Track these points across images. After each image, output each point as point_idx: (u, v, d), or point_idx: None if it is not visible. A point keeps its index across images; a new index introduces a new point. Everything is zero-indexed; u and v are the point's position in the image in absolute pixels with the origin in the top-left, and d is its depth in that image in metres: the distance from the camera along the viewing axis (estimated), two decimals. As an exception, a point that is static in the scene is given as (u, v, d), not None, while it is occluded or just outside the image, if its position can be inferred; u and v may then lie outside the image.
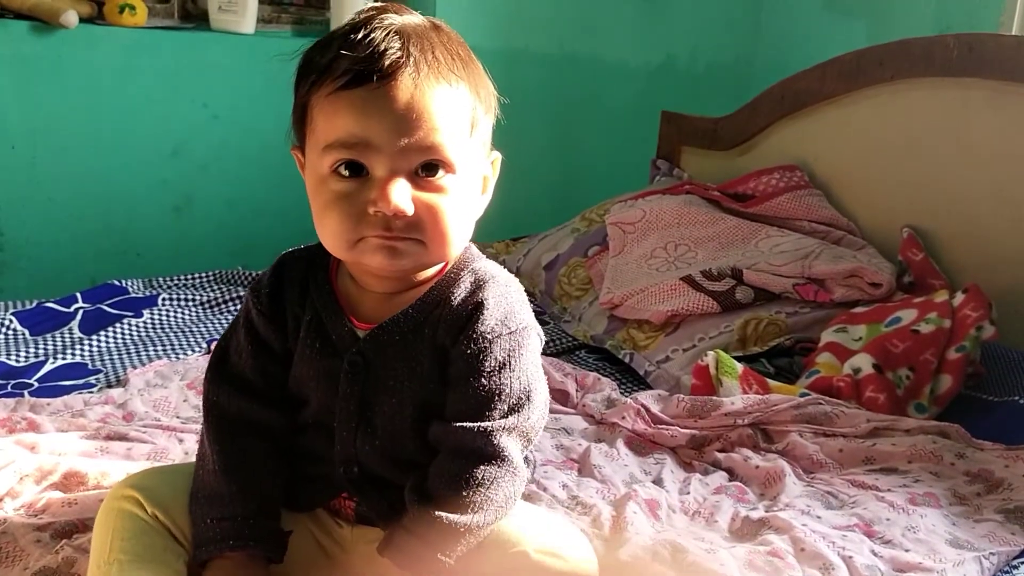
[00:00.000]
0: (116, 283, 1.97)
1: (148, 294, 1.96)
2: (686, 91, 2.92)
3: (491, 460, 0.91)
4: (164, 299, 1.94)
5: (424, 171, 0.89)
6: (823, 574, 1.06)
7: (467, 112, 0.91)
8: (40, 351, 1.69)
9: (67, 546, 1.01)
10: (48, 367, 1.62)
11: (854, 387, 1.53)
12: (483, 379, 0.92)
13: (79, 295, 1.90)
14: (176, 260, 2.40)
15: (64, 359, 1.66)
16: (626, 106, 2.89)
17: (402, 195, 0.87)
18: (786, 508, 1.22)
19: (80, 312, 1.84)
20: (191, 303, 1.97)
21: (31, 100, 2.23)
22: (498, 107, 0.97)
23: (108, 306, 1.88)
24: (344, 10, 2.43)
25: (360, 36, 0.87)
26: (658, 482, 1.31)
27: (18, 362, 1.64)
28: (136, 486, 0.95)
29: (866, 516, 1.20)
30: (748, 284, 1.81)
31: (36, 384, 1.56)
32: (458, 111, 0.90)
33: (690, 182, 2.26)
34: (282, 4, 2.69)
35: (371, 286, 0.97)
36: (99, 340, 1.75)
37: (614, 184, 2.43)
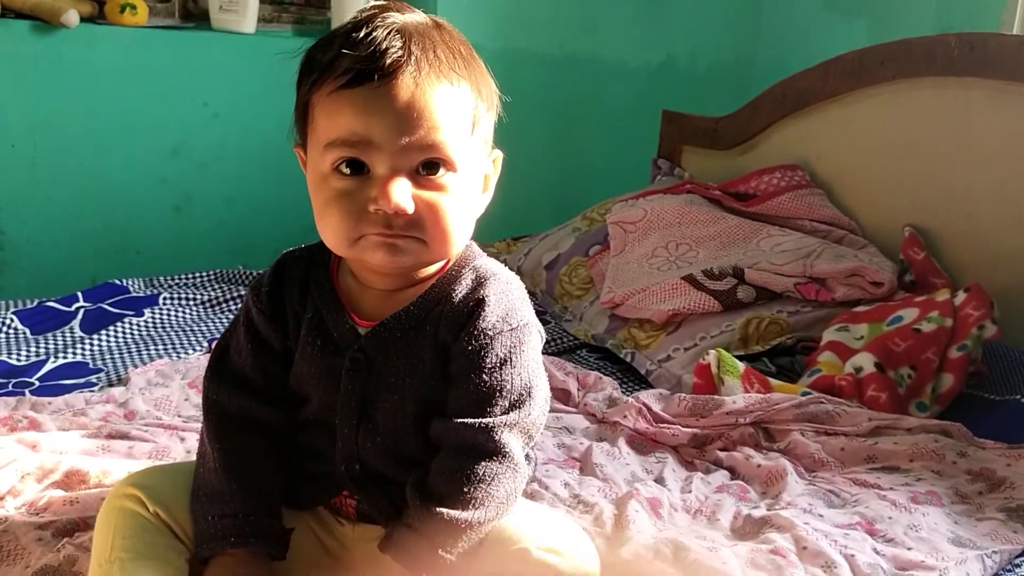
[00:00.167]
0: (117, 282, 1.98)
1: (149, 293, 1.96)
2: (687, 90, 2.92)
3: (492, 456, 0.91)
4: (165, 298, 1.94)
5: (425, 169, 0.89)
6: (825, 572, 1.06)
7: (468, 110, 0.91)
8: (41, 350, 1.69)
9: (68, 544, 1.01)
10: (49, 366, 1.62)
11: (856, 386, 1.53)
12: (484, 375, 0.92)
13: (80, 294, 1.90)
14: (176, 259, 2.40)
15: (65, 358, 1.66)
16: (627, 105, 2.89)
17: (403, 193, 0.87)
18: (788, 507, 1.22)
19: (81, 311, 1.83)
20: (192, 302, 1.97)
21: (32, 99, 2.23)
22: (500, 105, 0.97)
23: (109, 305, 1.88)
24: (345, 10, 2.43)
25: (362, 35, 0.88)
26: (660, 481, 1.31)
27: (19, 361, 1.64)
28: (138, 484, 0.95)
29: (868, 515, 1.20)
30: (749, 283, 1.81)
31: (37, 383, 1.56)
32: (459, 110, 0.90)
33: (691, 181, 2.26)
34: (283, 4, 2.69)
35: (372, 283, 0.97)
36: (100, 339, 1.75)
37: (615, 183, 2.43)
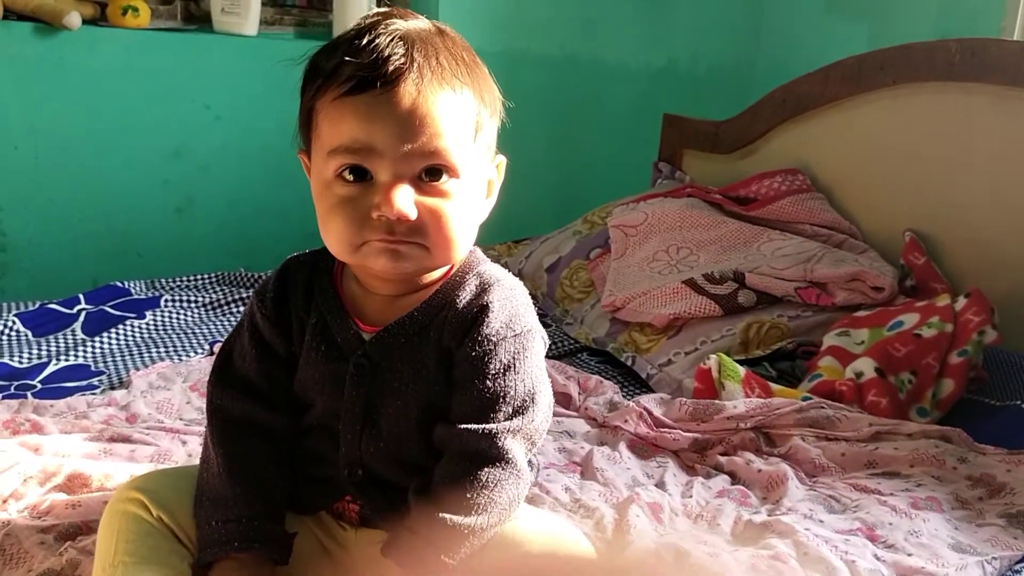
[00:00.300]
0: (118, 284, 1.98)
1: (150, 295, 1.96)
2: (688, 94, 2.92)
3: (495, 462, 0.91)
4: (166, 300, 1.94)
5: (428, 176, 0.89)
6: (826, 578, 1.06)
7: (471, 117, 0.91)
8: (43, 352, 1.69)
9: (71, 548, 1.01)
10: (51, 369, 1.62)
11: (856, 391, 1.53)
12: (488, 381, 0.92)
13: (82, 296, 1.90)
14: (178, 261, 2.40)
15: (67, 361, 1.66)
16: (628, 109, 2.89)
17: (405, 200, 0.88)
18: (789, 512, 1.22)
19: (83, 313, 1.84)
20: (193, 304, 1.97)
21: (34, 101, 2.23)
22: (503, 111, 0.97)
23: (111, 307, 1.88)
24: (347, 12, 2.43)
25: (365, 42, 0.88)
26: (660, 485, 1.31)
27: (21, 363, 1.64)
28: (141, 488, 0.95)
29: (869, 520, 1.20)
30: (750, 287, 1.81)
31: (39, 386, 1.56)
32: (462, 116, 0.90)
33: (692, 185, 2.26)
34: (285, 6, 2.69)
35: (376, 289, 0.97)
36: (102, 342, 1.75)
37: (615, 187, 2.43)
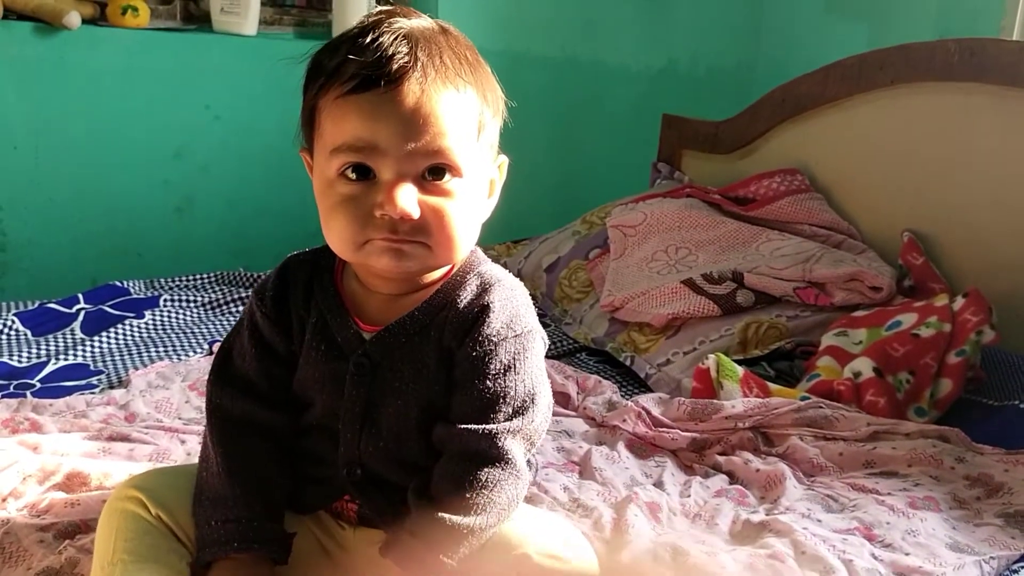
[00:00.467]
0: (118, 284, 1.98)
1: (150, 295, 1.96)
2: (687, 94, 2.92)
3: (495, 463, 0.91)
4: (166, 300, 1.94)
5: (431, 175, 0.89)
6: (823, 577, 1.06)
7: (474, 116, 0.91)
8: (42, 352, 1.69)
9: (70, 547, 1.01)
10: (50, 368, 1.62)
11: (854, 391, 1.53)
12: (488, 382, 0.93)
13: (81, 296, 1.90)
14: (177, 261, 2.40)
15: (66, 360, 1.66)
16: (627, 109, 2.89)
17: (408, 199, 0.88)
18: (786, 511, 1.23)
19: (82, 313, 1.84)
20: (193, 304, 1.97)
21: (33, 101, 2.23)
22: (505, 110, 0.97)
23: (110, 307, 1.88)
24: (346, 12, 2.43)
25: (368, 40, 0.88)
26: (659, 485, 1.31)
27: (20, 363, 1.64)
28: (139, 487, 0.95)
29: (866, 520, 1.20)
30: (749, 287, 1.81)
31: (38, 385, 1.56)
32: (465, 115, 0.90)
33: (691, 185, 2.26)
34: (284, 6, 2.69)
35: (377, 288, 0.97)
36: (101, 341, 1.75)
37: (615, 187, 2.43)
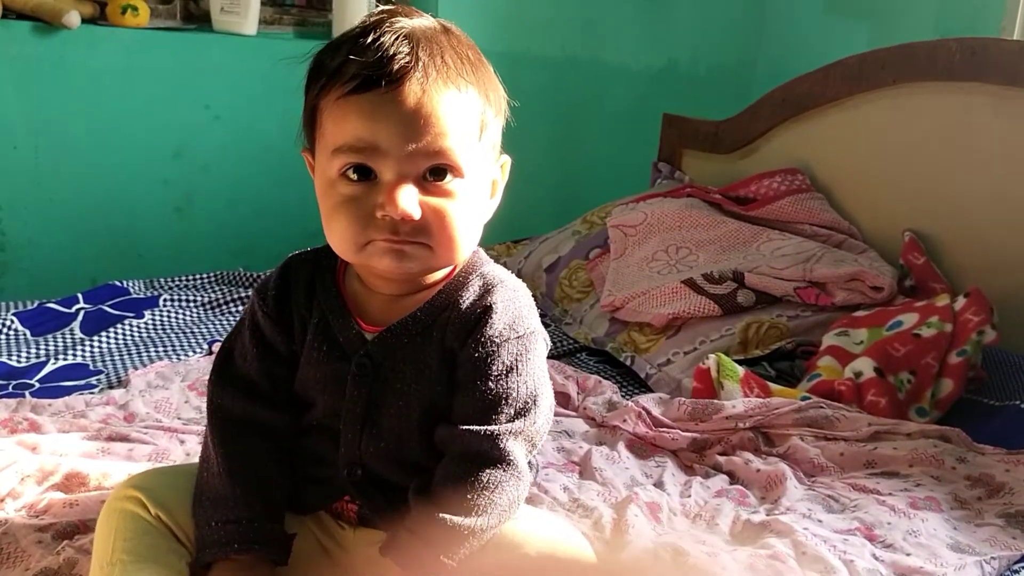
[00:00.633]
0: (117, 284, 1.98)
1: (149, 295, 1.96)
2: (688, 94, 2.92)
3: (497, 464, 0.91)
4: (165, 300, 1.94)
5: (432, 175, 0.89)
6: (825, 578, 1.06)
7: (476, 116, 0.91)
8: (41, 352, 1.69)
9: (68, 547, 1.01)
10: (49, 368, 1.62)
11: (855, 391, 1.53)
12: (490, 383, 0.92)
13: (80, 296, 1.90)
14: (177, 261, 2.40)
15: (65, 360, 1.66)
16: (627, 109, 2.89)
17: (409, 200, 0.87)
18: (787, 512, 1.22)
19: (81, 313, 1.83)
20: (192, 304, 1.97)
21: (33, 101, 2.23)
22: (508, 110, 0.97)
23: (109, 307, 1.88)
24: (346, 12, 2.43)
25: (369, 40, 0.87)
26: (659, 485, 1.31)
27: (19, 363, 1.64)
28: (139, 487, 0.95)
29: (867, 520, 1.20)
30: (749, 287, 1.81)
31: (37, 385, 1.56)
32: (467, 115, 0.90)
33: (691, 185, 2.26)
34: (284, 5, 2.69)
35: (379, 288, 0.97)
36: (100, 341, 1.75)
37: (615, 187, 2.43)
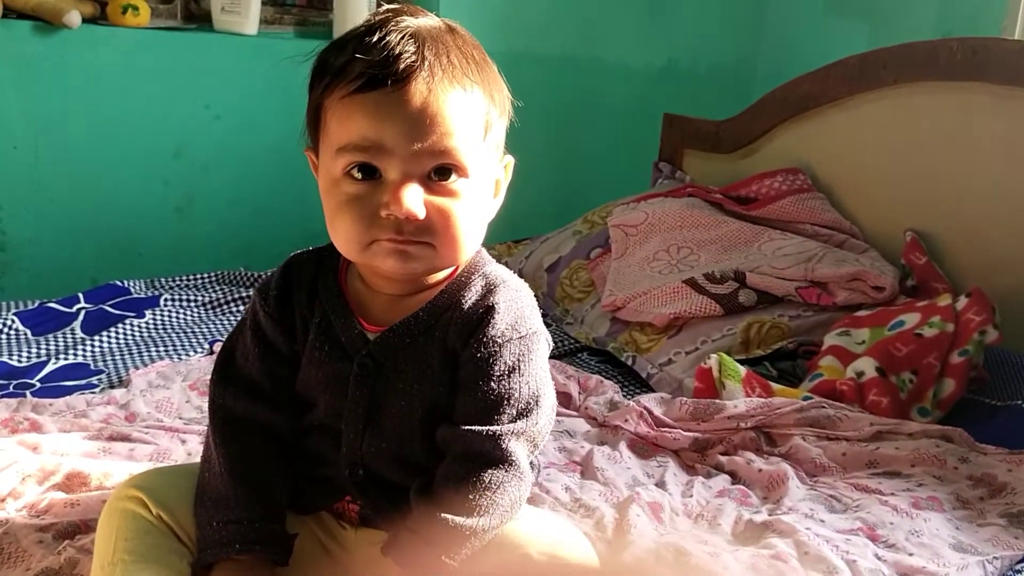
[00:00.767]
0: (118, 283, 1.98)
1: (150, 294, 1.96)
2: (688, 94, 2.91)
3: (498, 464, 0.91)
4: (166, 300, 1.94)
5: (437, 175, 0.89)
6: (827, 578, 1.06)
7: (481, 116, 0.91)
8: (42, 351, 1.69)
9: (69, 547, 1.01)
10: (50, 367, 1.62)
11: (857, 391, 1.53)
12: (492, 383, 0.92)
13: (81, 295, 1.90)
14: (178, 260, 2.39)
15: (66, 359, 1.66)
16: (628, 108, 2.89)
17: (414, 199, 0.87)
18: (789, 512, 1.22)
19: (82, 312, 1.83)
20: (193, 304, 1.97)
21: (33, 100, 2.23)
22: (512, 110, 0.96)
23: (110, 306, 1.88)
24: (347, 12, 2.43)
25: (375, 39, 0.87)
26: (661, 485, 1.31)
27: (20, 362, 1.64)
28: (140, 486, 0.94)
29: (870, 520, 1.20)
30: (751, 287, 1.81)
31: (38, 384, 1.55)
32: (472, 115, 0.90)
33: (692, 185, 2.26)
34: (285, 5, 2.69)
35: (381, 288, 0.97)
36: (101, 340, 1.75)
37: (616, 186, 2.43)
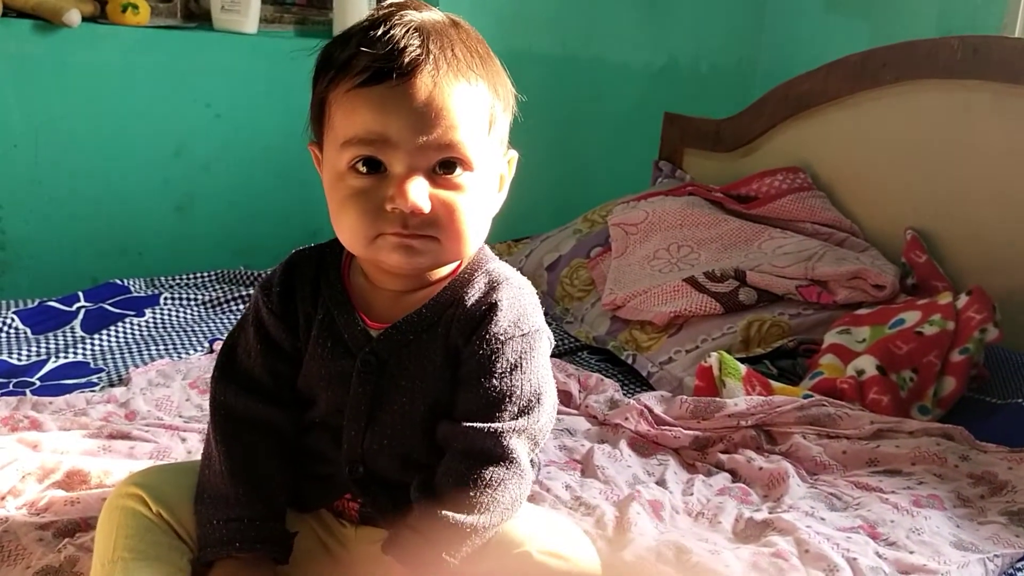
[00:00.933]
0: (118, 282, 1.98)
1: (150, 293, 1.96)
2: (689, 92, 2.92)
3: (499, 462, 0.91)
4: (166, 298, 1.94)
5: (442, 168, 0.89)
6: (827, 576, 1.06)
7: (485, 110, 0.91)
8: (42, 350, 1.69)
9: (69, 545, 1.01)
10: (50, 366, 1.62)
11: (858, 389, 1.53)
12: (494, 380, 0.92)
13: (81, 294, 1.90)
14: (178, 259, 2.39)
15: (66, 358, 1.66)
16: (629, 107, 2.89)
17: (420, 192, 0.87)
18: (790, 510, 1.22)
19: (82, 311, 1.83)
20: (193, 302, 1.97)
21: (33, 99, 2.22)
22: (515, 105, 0.96)
23: (110, 305, 1.88)
24: (346, 10, 2.43)
25: (380, 32, 0.87)
26: (661, 483, 1.31)
27: (20, 361, 1.64)
28: (140, 484, 0.94)
29: (870, 518, 1.20)
30: (751, 285, 1.81)
31: (38, 383, 1.56)
32: (477, 109, 0.90)
33: (693, 183, 2.26)
34: (285, 4, 2.68)
35: (384, 284, 0.97)
36: (101, 339, 1.75)
37: (616, 185, 2.43)
